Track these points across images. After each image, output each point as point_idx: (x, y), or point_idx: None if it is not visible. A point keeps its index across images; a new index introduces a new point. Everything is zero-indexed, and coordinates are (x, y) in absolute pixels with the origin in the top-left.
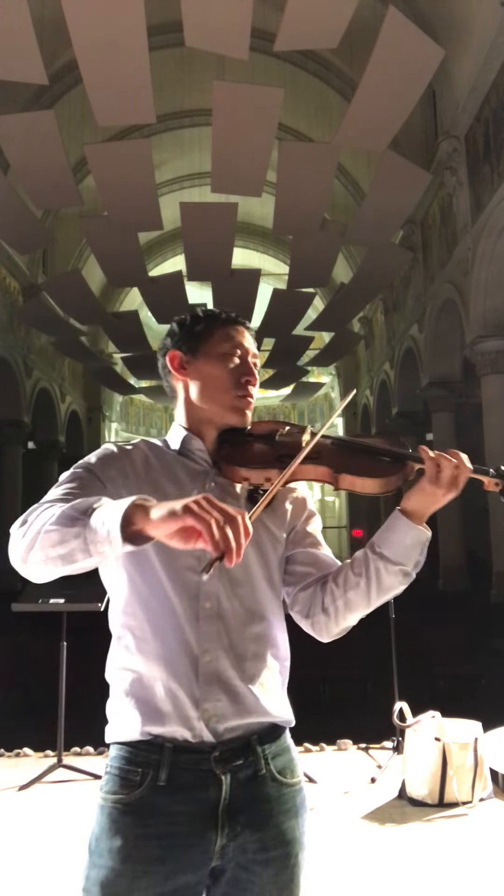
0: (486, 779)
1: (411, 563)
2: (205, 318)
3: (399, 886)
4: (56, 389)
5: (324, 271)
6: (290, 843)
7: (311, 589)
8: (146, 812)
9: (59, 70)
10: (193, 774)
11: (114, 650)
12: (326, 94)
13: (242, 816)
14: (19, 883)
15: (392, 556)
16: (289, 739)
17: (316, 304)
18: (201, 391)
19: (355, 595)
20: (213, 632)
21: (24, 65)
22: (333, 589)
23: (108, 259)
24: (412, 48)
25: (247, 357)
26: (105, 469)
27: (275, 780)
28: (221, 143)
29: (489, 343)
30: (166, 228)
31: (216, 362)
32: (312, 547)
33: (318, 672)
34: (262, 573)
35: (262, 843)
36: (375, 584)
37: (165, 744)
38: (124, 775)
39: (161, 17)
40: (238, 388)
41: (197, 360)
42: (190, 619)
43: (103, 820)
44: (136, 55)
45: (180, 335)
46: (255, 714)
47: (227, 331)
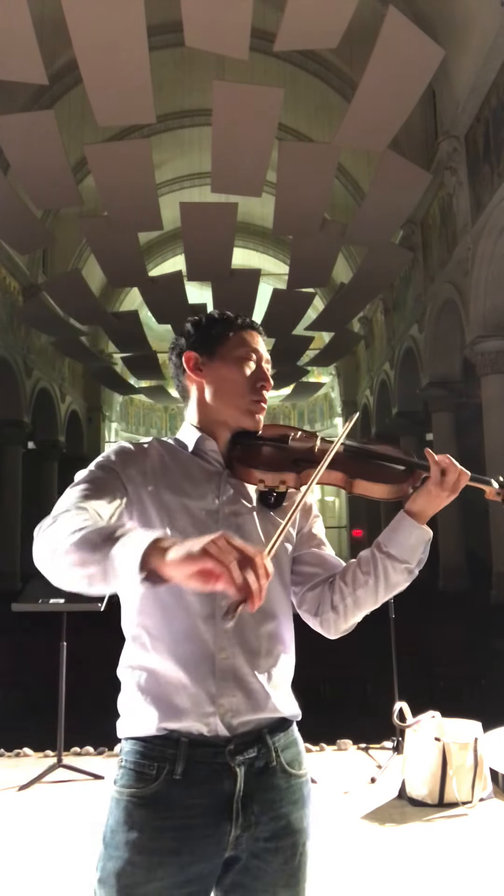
0: (485, 779)
1: (415, 561)
2: (221, 322)
3: (399, 886)
4: (56, 389)
5: (324, 271)
6: (298, 832)
7: (318, 588)
8: (162, 805)
9: (59, 70)
10: (209, 767)
11: (129, 648)
12: (326, 94)
13: (255, 806)
14: (19, 883)
15: (399, 554)
16: (296, 732)
17: (316, 304)
18: (216, 393)
19: (364, 593)
20: (228, 630)
21: (24, 65)
22: (342, 587)
23: (108, 259)
24: (412, 48)
25: (261, 362)
26: (125, 468)
27: (284, 772)
28: (221, 143)
29: (489, 343)
30: (166, 228)
31: (233, 366)
32: (318, 548)
33: (318, 672)
34: (275, 573)
35: (272, 833)
36: (384, 582)
37: (181, 738)
38: (140, 769)
39: (161, 17)
40: (254, 392)
41: (213, 363)
42: (206, 617)
43: (119, 813)
44: (136, 55)
45: (196, 336)
46: (267, 709)
47: (244, 335)
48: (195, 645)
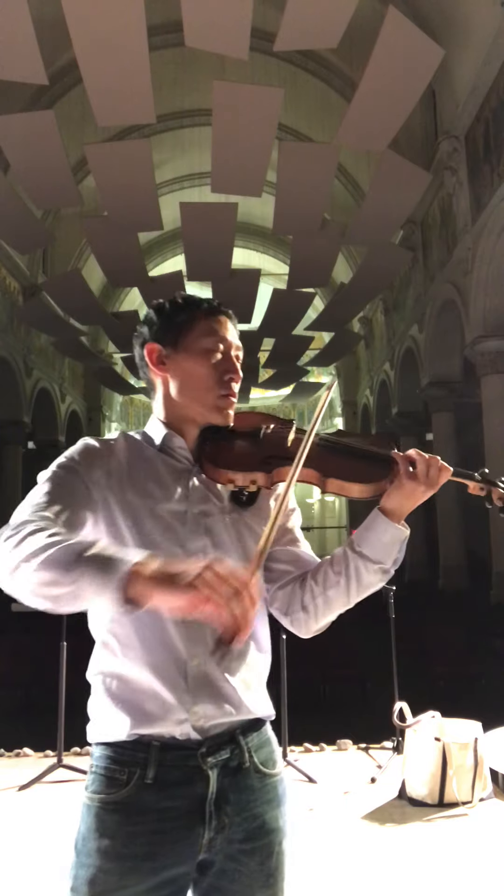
0: (485, 779)
1: (390, 561)
2: (185, 308)
3: (399, 886)
4: (56, 389)
5: (324, 271)
6: (273, 832)
7: (289, 587)
8: (134, 810)
9: (59, 70)
10: (181, 771)
11: (99, 654)
12: (326, 94)
13: (228, 808)
14: (20, 883)
15: (371, 554)
16: (269, 731)
17: (316, 304)
18: (182, 389)
19: (335, 593)
20: (199, 635)
21: (24, 65)
22: (313, 587)
23: (108, 259)
24: (412, 48)
25: (230, 352)
26: (90, 471)
27: (257, 772)
28: (221, 143)
29: (489, 343)
30: (166, 228)
31: (198, 358)
32: (292, 545)
33: (318, 672)
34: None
35: (246, 834)
36: (355, 582)
37: (153, 742)
38: (111, 774)
39: (161, 17)
40: (221, 386)
41: (177, 355)
42: (176, 622)
43: (90, 819)
44: (136, 55)
45: (159, 325)
46: (240, 712)
47: (210, 323)
48: (166, 652)
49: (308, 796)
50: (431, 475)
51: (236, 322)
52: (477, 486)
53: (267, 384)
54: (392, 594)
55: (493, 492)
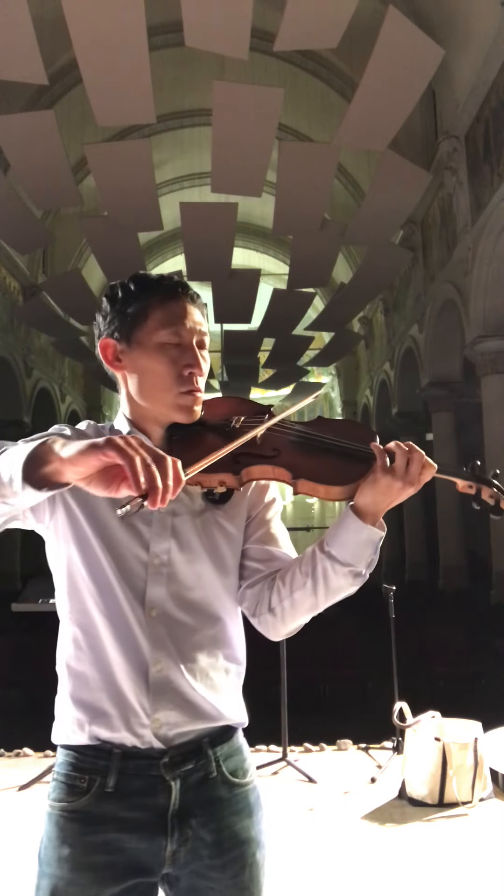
0: (486, 779)
1: (363, 564)
2: (138, 295)
3: (399, 886)
4: (56, 389)
5: (324, 271)
6: (245, 842)
7: (258, 586)
8: (94, 819)
9: (59, 70)
10: (142, 780)
11: (63, 642)
12: (326, 94)
13: (194, 820)
14: (19, 883)
15: (341, 556)
16: (241, 740)
17: (316, 304)
18: (140, 388)
19: (302, 596)
20: (161, 640)
21: (24, 65)
22: (280, 588)
23: (108, 259)
24: (412, 48)
25: (190, 341)
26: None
27: (226, 782)
28: (221, 143)
29: (489, 343)
30: (166, 228)
31: (154, 354)
32: (267, 541)
33: (318, 672)
34: (218, 576)
35: (217, 847)
36: (323, 585)
37: (114, 749)
38: (71, 782)
39: (161, 17)
40: (181, 383)
41: (132, 351)
42: (139, 624)
43: (50, 828)
44: (136, 55)
45: (112, 316)
46: (207, 719)
47: (166, 311)
48: (129, 653)
49: (308, 796)
50: (412, 471)
51: (200, 301)
52: (465, 484)
53: (267, 384)
54: (392, 594)
55: (482, 490)
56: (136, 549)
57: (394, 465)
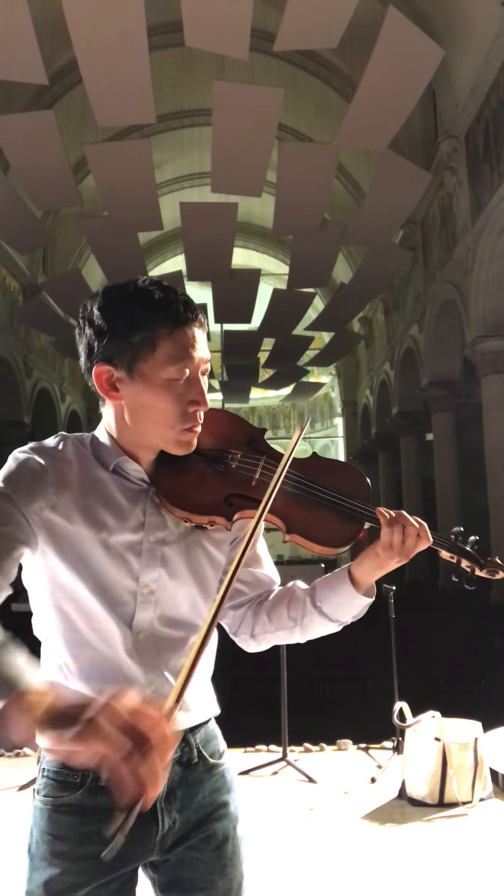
0: (486, 779)
1: (349, 618)
2: (143, 322)
3: (399, 886)
4: (56, 389)
5: (324, 271)
6: (224, 817)
7: (242, 609)
8: (87, 811)
9: (59, 70)
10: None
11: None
12: (326, 94)
13: (178, 803)
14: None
15: (331, 614)
16: (213, 724)
17: (316, 304)
18: (137, 421)
19: (285, 634)
20: (151, 661)
21: (24, 65)
22: (266, 621)
23: (108, 259)
24: (412, 48)
25: (197, 374)
26: (30, 500)
27: (205, 764)
28: (221, 143)
29: (489, 343)
30: (166, 228)
31: (159, 391)
32: (252, 563)
33: (318, 672)
34: (200, 595)
35: (198, 822)
36: (308, 630)
37: None
38: (63, 779)
39: (161, 17)
40: (184, 420)
41: (133, 383)
42: (129, 650)
43: (42, 822)
44: (136, 55)
45: (109, 337)
46: (192, 718)
47: (175, 344)
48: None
49: (308, 796)
50: (408, 545)
51: (205, 324)
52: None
53: (267, 384)
54: (392, 594)
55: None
56: (126, 581)
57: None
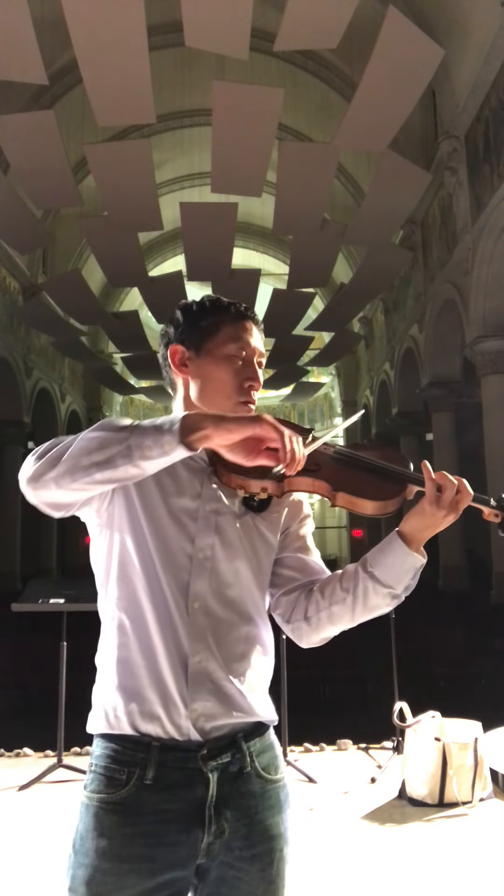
0: (486, 779)
1: (401, 587)
2: (212, 311)
3: (399, 886)
4: (56, 389)
5: (324, 271)
6: (274, 838)
7: (294, 594)
8: (133, 811)
9: (59, 70)
10: (180, 772)
11: (108, 636)
12: (326, 94)
13: (228, 813)
14: (19, 883)
15: (383, 577)
16: (273, 736)
17: (316, 304)
18: (201, 392)
19: (340, 609)
20: (201, 632)
21: (24, 65)
22: (319, 599)
23: (108, 259)
24: (412, 48)
25: (252, 358)
26: None
27: (259, 777)
28: (221, 143)
29: (489, 343)
30: (166, 228)
31: (220, 363)
32: (302, 552)
33: (318, 672)
34: (253, 576)
35: (247, 840)
36: (362, 602)
37: (153, 742)
38: (110, 774)
39: (161, 17)
40: (241, 393)
41: (200, 359)
42: (182, 616)
43: (88, 819)
44: (136, 55)
45: (185, 327)
46: (242, 713)
47: (235, 329)
48: (171, 644)
49: (308, 796)
50: (455, 501)
51: (262, 328)
52: (491, 513)
53: (267, 384)
54: None
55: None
56: (183, 542)
57: (442, 496)
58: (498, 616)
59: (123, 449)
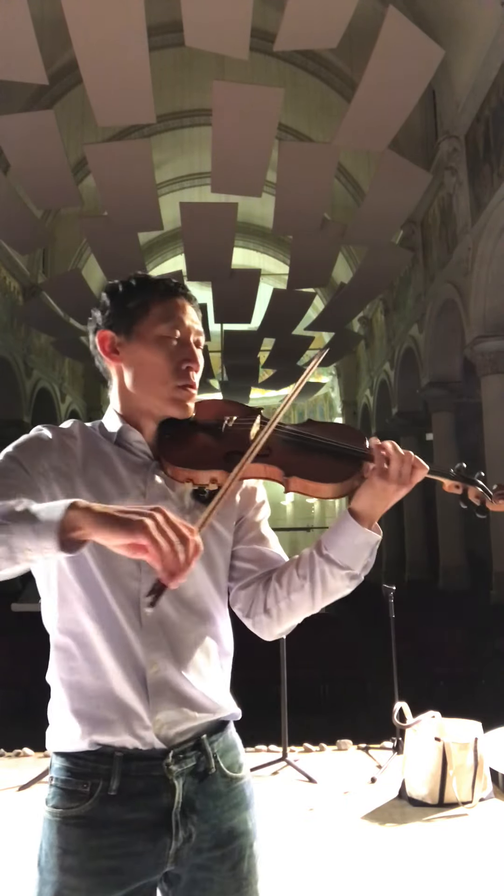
0: (486, 779)
1: (359, 566)
2: (139, 291)
3: (399, 886)
4: (56, 389)
5: (324, 271)
6: (242, 834)
7: (252, 587)
8: (98, 823)
9: (59, 70)
10: (145, 781)
11: (56, 656)
12: (326, 94)
13: (195, 816)
14: (19, 883)
15: (339, 559)
16: (234, 734)
17: (316, 304)
18: (136, 380)
19: (299, 597)
20: (157, 640)
21: (24, 65)
22: (277, 589)
23: (108, 259)
24: (412, 48)
25: (188, 338)
26: (35, 461)
27: (224, 777)
28: (221, 143)
29: (489, 343)
30: (166, 228)
31: (153, 347)
32: (258, 542)
33: (318, 672)
34: (208, 574)
35: (215, 840)
36: (320, 587)
37: (115, 753)
38: (73, 787)
39: (161, 17)
40: (178, 376)
41: (131, 343)
42: (134, 627)
43: (52, 835)
44: (136, 55)
45: (112, 310)
46: (206, 713)
47: (166, 307)
48: (125, 658)
49: (308, 796)
50: (404, 473)
51: (196, 304)
52: (452, 484)
53: (267, 384)
54: (392, 594)
55: (469, 490)
56: None
57: (389, 469)
58: (498, 616)
59: (4, 551)
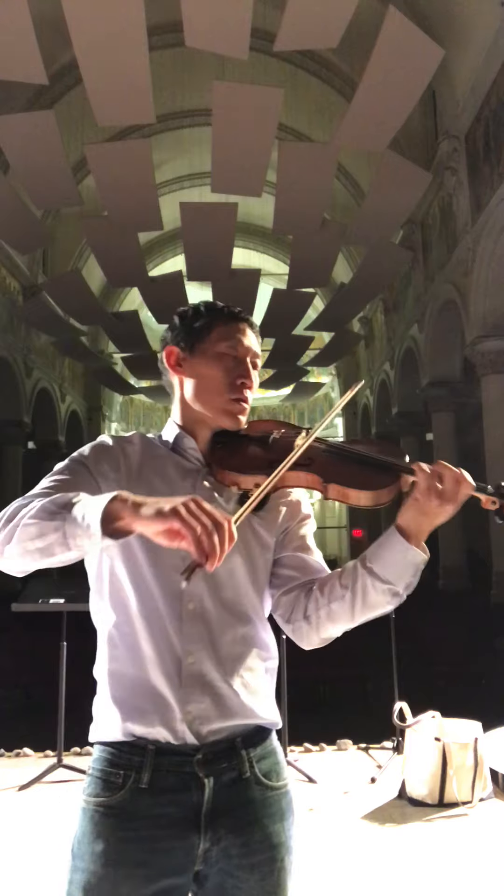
0: (486, 779)
1: (402, 585)
2: (205, 314)
3: (399, 886)
4: (56, 389)
5: (324, 271)
6: (275, 847)
7: (293, 593)
8: (128, 815)
9: (59, 70)
10: (176, 777)
11: (102, 649)
12: (326, 94)
13: (226, 820)
14: (19, 883)
15: (382, 573)
16: (275, 742)
17: (316, 304)
18: (195, 391)
19: (339, 607)
20: (195, 633)
21: (24, 65)
22: (318, 597)
23: (108, 259)
24: (412, 48)
25: (245, 357)
26: (97, 463)
27: (259, 784)
28: (221, 143)
29: (489, 343)
30: (166, 228)
31: (212, 362)
32: (302, 551)
33: (318, 672)
34: (248, 576)
35: (246, 848)
36: (361, 600)
37: (148, 745)
38: (106, 777)
39: (161, 17)
40: (232, 390)
41: (193, 358)
42: (173, 619)
43: (85, 823)
44: (136, 55)
45: (180, 329)
46: (239, 716)
47: (228, 328)
48: (163, 647)
49: (308, 796)
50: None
51: (258, 331)
52: (489, 500)
53: (267, 384)
54: None
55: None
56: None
57: (443, 488)
58: (498, 616)
59: (59, 537)
